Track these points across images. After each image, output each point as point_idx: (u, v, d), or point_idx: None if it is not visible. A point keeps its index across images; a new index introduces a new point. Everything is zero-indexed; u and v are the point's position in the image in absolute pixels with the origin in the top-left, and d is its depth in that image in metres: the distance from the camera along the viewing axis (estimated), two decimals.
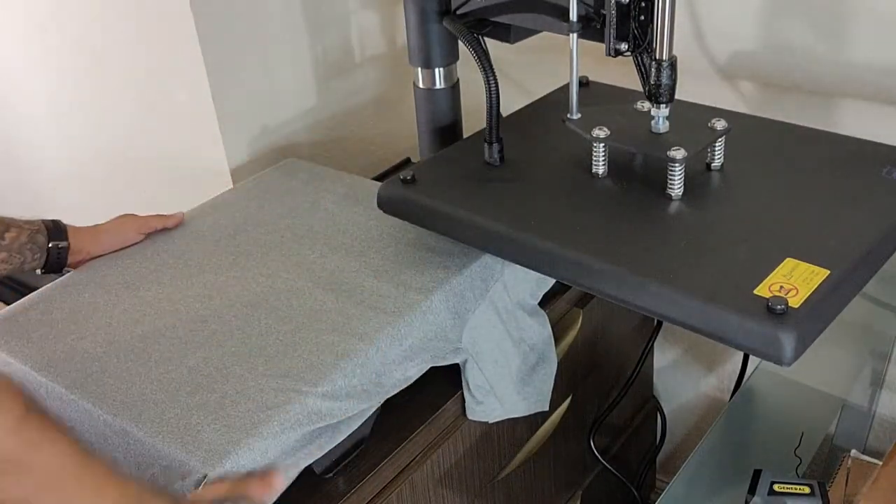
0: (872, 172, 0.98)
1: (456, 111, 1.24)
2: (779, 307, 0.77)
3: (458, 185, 1.04)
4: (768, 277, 0.82)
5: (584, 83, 1.21)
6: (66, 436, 0.71)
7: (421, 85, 1.21)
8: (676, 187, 0.96)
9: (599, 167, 1.02)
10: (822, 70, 1.18)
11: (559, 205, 0.99)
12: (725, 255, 0.87)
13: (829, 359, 1.25)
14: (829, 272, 0.82)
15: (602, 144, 1.01)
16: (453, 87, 1.22)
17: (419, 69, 1.20)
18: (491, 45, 1.11)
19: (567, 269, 0.91)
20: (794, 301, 0.79)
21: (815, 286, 0.81)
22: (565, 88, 1.07)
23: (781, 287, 0.81)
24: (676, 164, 0.95)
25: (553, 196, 1.00)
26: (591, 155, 1.02)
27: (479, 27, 1.12)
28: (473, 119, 1.25)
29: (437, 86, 1.21)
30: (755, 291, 0.81)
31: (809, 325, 0.78)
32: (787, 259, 0.85)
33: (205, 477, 0.80)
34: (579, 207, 0.98)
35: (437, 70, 1.20)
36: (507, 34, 1.15)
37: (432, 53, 1.18)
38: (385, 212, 1.07)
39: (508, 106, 1.15)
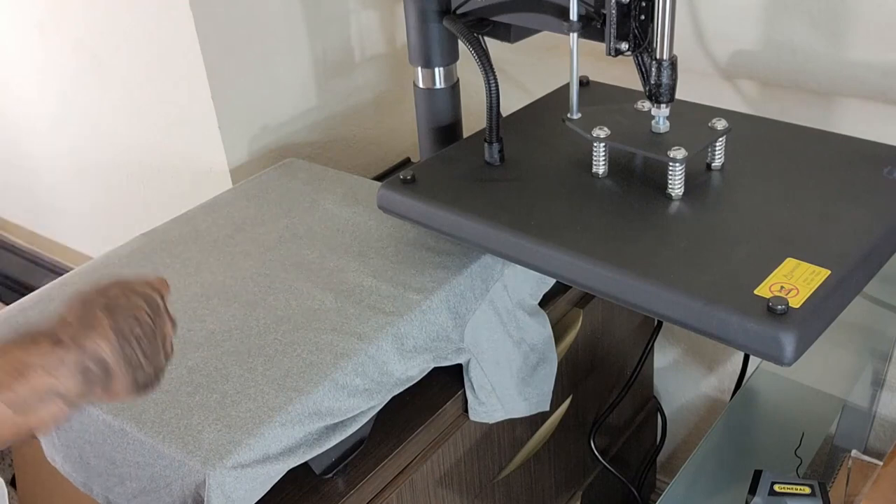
0: (872, 172, 0.97)
1: (456, 111, 1.24)
2: (779, 307, 0.77)
3: (458, 185, 1.04)
4: (769, 277, 0.82)
5: (584, 83, 1.21)
6: None
7: (421, 85, 1.21)
8: (677, 187, 0.96)
9: (600, 167, 1.02)
10: (822, 70, 1.18)
11: (559, 205, 0.99)
12: (726, 255, 0.87)
13: (829, 359, 1.25)
14: (829, 272, 0.82)
15: (602, 144, 1.00)
16: (453, 87, 1.22)
17: (419, 69, 1.20)
18: (491, 45, 1.11)
19: (567, 269, 0.91)
20: (795, 301, 0.79)
21: (816, 286, 0.81)
22: (565, 88, 1.07)
23: (782, 287, 0.81)
24: (677, 164, 0.95)
25: (553, 196, 1.00)
26: (592, 155, 1.02)
27: (479, 27, 1.12)
28: (473, 119, 1.24)
29: (437, 86, 1.21)
30: (755, 291, 0.81)
31: (810, 326, 0.78)
32: (788, 259, 0.85)
33: (205, 478, 0.80)
34: (579, 207, 0.98)
35: (437, 70, 1.19)
36: (507, 34, 1.15)
37: (432, 53, 1.18)
38: (385, 212, 1.07)
39: (508, 106, 1.15)
